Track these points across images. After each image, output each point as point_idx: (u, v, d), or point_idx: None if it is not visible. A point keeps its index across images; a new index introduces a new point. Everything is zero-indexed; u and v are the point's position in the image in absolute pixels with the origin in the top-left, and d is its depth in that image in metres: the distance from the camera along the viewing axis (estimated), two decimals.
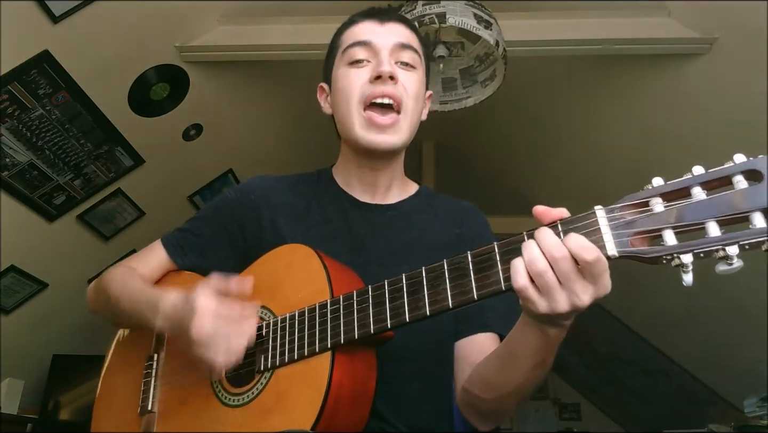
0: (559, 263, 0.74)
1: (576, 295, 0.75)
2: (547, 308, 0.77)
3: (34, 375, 3.88)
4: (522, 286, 0.76)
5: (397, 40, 1.21)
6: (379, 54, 1.18)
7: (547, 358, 0.91)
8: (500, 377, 1.00)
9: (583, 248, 0.73)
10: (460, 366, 1.16)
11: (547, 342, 0.87)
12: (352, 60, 1.20)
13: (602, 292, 0.75)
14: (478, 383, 1.07)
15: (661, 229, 0.71)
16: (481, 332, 1.17)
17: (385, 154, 1.21)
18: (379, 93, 1.15)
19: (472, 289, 0.84)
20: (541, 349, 0.89)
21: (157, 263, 1.29)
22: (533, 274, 0.76)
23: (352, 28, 1.25)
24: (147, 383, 1.17)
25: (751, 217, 0.66)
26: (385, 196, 1.28)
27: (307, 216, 1.24)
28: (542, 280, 0.75)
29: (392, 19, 1.24)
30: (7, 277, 3.29)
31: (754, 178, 0.67)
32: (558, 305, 0.76)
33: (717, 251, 0.67)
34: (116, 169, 3.37)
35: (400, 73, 1.18)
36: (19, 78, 2.61)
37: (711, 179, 0.69)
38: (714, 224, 0.68)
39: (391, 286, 0.93)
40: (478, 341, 1.16)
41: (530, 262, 0.76)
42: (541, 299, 0.77)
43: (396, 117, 1.17)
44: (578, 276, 0.74)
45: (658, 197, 0.73)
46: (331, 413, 0.91)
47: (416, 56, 1.22)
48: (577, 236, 0.74)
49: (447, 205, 1.32)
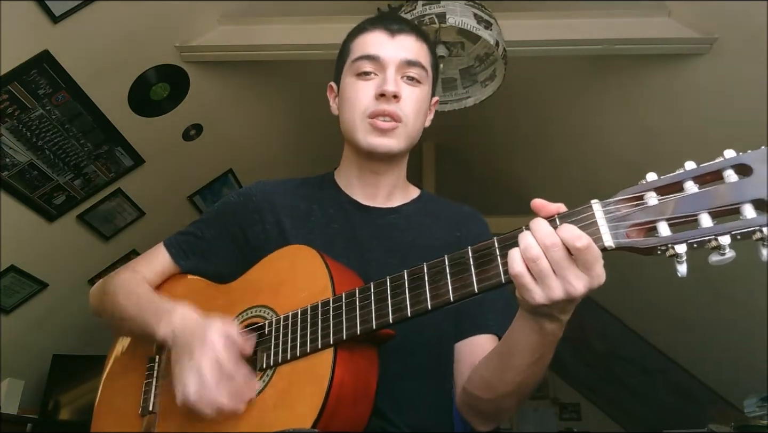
0: (551, 250, 0.77)
1: (570, 283, 0.77)
2: (543, 297, 0.79)
3: (34, 375, 3.88)
4: (518, 272, 0.79)
5: (404, 57, 1.22)
6: (386, 70, 1.21)
7: (545, 355, 0.92)
8: (499, 375, 1.01)
9: (575, 237, 0.76)
10: (460, 367, 1.17)
11: (544, 337, 0.88)
12: (360, 72, 1.22)
13: (596, 282, 0.78)
14: (478, 383, 1.07)
15: (656, 221, 0.73)
16: (480, 333, 1.18)
17: (385, 157, 1.24)
18: (380, 111, 1.19)
19: (473, 282, 0.86)
20: (539, 345, 0.90)
21: (161, 265, 1.29)
22: (527, 260, 0.78)
23: (362, 36, 1.27)
24: (148, 384, 1.17)
25: (741, 208, 0.69)
26: (387, 200, 1.29)
27: (310, 218, 1.26)
28: (536, 266, 0.78)
29: (403, 30, 1.25)
30: (7, 277, 3.29)
31: (744, 173, 0.70)
32: (553, 293, 0.78)
33: (709, 241, 0.70)
34: (116, 169, 3.38)
35: (404, 89, 1.21)
36: (19, 78, 2.61)
37: (703, 173, 0.72)
38: (706, 216, 0.70)
39: (393, 282, 0.94)
40: (478, 343, 1.17)
41: (524, 249, 0.78)
42: (536, 287, 0.79)
43: (396, 124, 1.20)
44: (571, 264, 0.77)
45: (652, 191, 0.75)
46: (333, 410, 0.92)
47: (422, 72, 1.24)
48: (569, 225, 0.77)
49: (448, 210, 1.34)
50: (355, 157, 1.27)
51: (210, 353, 0.99)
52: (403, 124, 1.20)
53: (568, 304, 0.80)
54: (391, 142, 1.20)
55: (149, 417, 1.14)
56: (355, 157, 1.28)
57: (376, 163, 1.26)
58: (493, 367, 1.03)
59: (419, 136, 1.28)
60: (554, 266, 0.77)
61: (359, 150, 1.23)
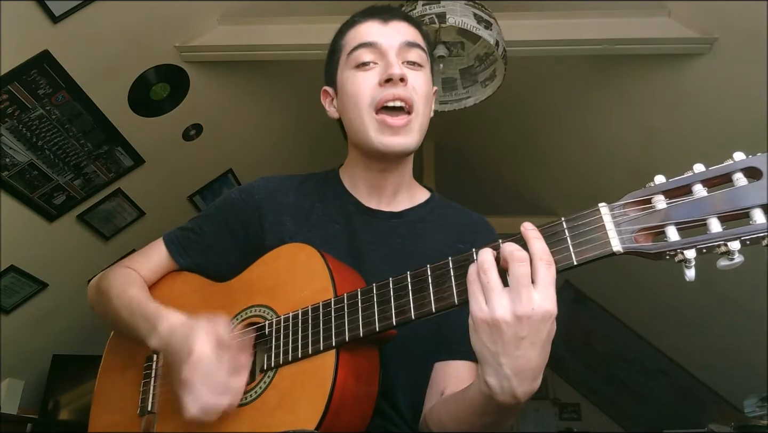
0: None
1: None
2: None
3: (34, 375, 3.88)
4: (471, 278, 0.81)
5: (403, 39, 1.18)
6: (387, 55, 1.15)
7: (498, 423, 0.90)
8: (453, 422, 0.99)
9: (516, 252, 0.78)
10: (431, 388, 1.14)
11: (492, 404, 0.84)
12: (359, 63, 1.17)
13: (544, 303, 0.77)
14: (435, 419, 1.05)
15: (664, 225, 0.72)
16: (459, 359, 1.14)
17: (398, 156, 1.19)
18: (390, 96, 1.12)
19: None
20: (487, 407, 0.87)
21: (158, 262, 1.28)
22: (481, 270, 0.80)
23: (354, 29, 1.22)
24: (147, 383, 1.16)
25: (751, 213, 0.67)
26: (392, 202, 1.25)
27: (311, 217, 1.23)
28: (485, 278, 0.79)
29: (395, 17, 1.21)
30: (7, 277, 3.29)
31: (754, 176, 0.69)
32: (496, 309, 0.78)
33: (719, 246, 0.69)
34: (116, 169, 3.37)
35: (408, 74, 1.16)
36: (19, 78, 2.61)
37: (712, 177, 0.71)
38: (715, 220, 0.69)
39: (396, 284, 0.93)
40: (454, 368, 1.13)
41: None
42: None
43: (408, 118, 1.14)
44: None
45: (660, 194, 0.74)
46: (336, 411, 0.91)
47: (423, 54, 1.20)
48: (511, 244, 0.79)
49: (456, 218, 1.29)
50: (363, 157, 1.22)
51: (198, 368, 0.98)
52: (415, 114, 1.14)
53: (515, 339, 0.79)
54: (406, 140, 1.14)
55: (148, 417, 1.13)
56: (362, 158, 1.22)
57: (386, 163, 1.20)
58: (449, 410, 1.01)
59: (427, 128, 1.23)
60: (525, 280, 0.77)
61: (370, 151, 1.17)
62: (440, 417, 1.04)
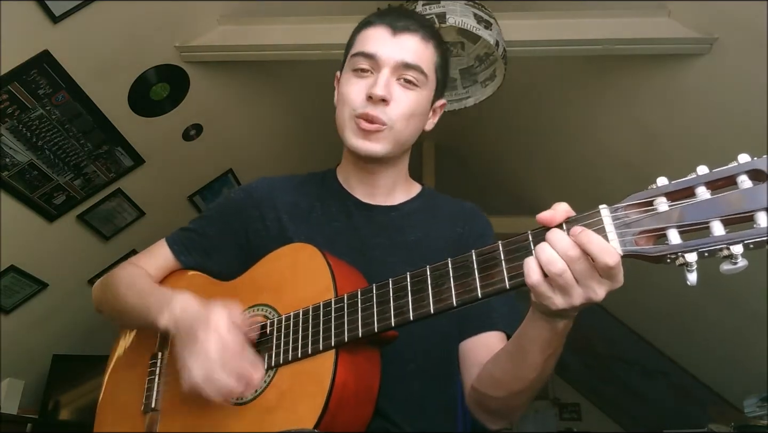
0: (576, 263, 0.76)
1: (593, 291, 0.77)
2: (564, 303, 0.79)
3: (34, 375, 3.87)
4: (535, 282, 0.78)
5: (403, 58, 1.17)
6: (380, 70, 1.16)
7: (557, 349, 0.93)
8: (512, 374, 1.00)
9: (603, 250, 0.74)
10: (468, 366, 1.16)
11: (556, 333, 0.89)
12: (356, 68, 1.19)
13: (617, 285, 0.77)
14: (488, 382, 1.07)
15: (666, 228, 0.71)
16: (486, 330, 1.17)
17: (373, 159, 1.21)
18: (364, 116, 1.15)
19: (477, 288, 0.85)
20: (552, 341, 0.90)
21: (162, 262, 1.29)
22: (553, 275, 0.77)
23: (365, 31, 1.23)
24: (151, 381, 1.17)
25: (755, 216, 0.66)
26: (387, 198, 1.28)
27: (311, 216, 1.25)
28: (561, 279, 0.77)
29: (407, 29, 1.19)
30: (7, 277, 3.28)
31: (758, 178, 0.68)
32: (574, 300, 0.78)
33: (721, 250, 0.68)
34: (116, 169, 3.37)
35: (397, 91, 1.16)
36: (19, 78, 2.60)
37: (715, 179, 0.70)
38: (718, 224, 0.68)
39: (396, 285, 0.93)
40: (484, 340, 1.16)
41: (547, 263, 0.77)
42: (555, 294, 0.78)
43: (380, 127, 1.16)
44: (594, 272, 0.76)
45: (662, 197, 0.73)
46: (334, 411, 0.92)
47: (421, 76, 1.19)
48: (596, 238, 0.75)
49: (449, 206, 1.32)
50: (351, 155, 1.26)
51: (214, 335, 0.99)
52: (388, 128, 1.16)
53: (587, 305, 0.81)
54: (374, 146, 1.16)
55: (152, 414, 1.14)
56: (351, 157, 1.26)
57: (369, 163, 1.24)
58: (505, 366, 1.02)
59: (413, 140, 1.25)
60: (577, 277, 0.77)
61: (350, 151, 1.22)
62: (494, 376, 1.05)
